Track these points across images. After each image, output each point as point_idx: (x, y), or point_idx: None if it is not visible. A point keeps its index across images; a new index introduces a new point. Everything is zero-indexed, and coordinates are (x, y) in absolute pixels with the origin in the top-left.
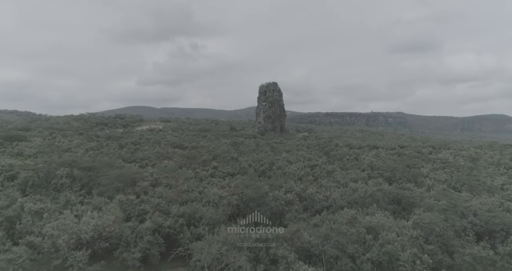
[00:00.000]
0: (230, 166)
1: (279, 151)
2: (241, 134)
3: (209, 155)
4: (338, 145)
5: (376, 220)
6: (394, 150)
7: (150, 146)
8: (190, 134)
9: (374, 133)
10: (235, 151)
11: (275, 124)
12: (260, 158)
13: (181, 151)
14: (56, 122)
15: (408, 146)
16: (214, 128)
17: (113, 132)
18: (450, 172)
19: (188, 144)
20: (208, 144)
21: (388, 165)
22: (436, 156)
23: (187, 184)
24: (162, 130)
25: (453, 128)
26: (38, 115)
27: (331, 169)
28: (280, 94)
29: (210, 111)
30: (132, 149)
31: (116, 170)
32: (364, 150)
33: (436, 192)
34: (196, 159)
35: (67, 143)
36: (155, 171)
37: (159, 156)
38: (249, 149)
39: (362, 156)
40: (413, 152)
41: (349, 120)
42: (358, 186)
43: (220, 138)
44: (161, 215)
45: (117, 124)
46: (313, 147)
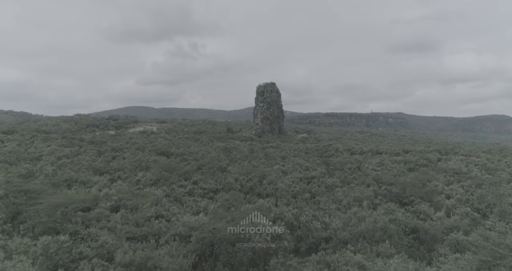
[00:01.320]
0: (214, 179)
1: (274, 158)
2: (237, 137)
3: (194, 164)
4: (339, 150)
5: (393, 268)
6: (398, 155)
7: (132, 152)
8: (183, 137)
9: (374, 135)
10: (226, 158)
11: (273, 126)
12: (249, 170)
13: (165, 159)
14: (45, 124)
15: (412, 150)
16: (210, 130)
17: (103, 135)
18: (468, 186)
19: (176, 149)
20: (198, 149)
21: (397, 180)
22: (447, 165)
23: (155, 208)
24: (155, 133)
25: (454, 129)
26: (34, 116)
27: (331, 182)
28: (278, 95)
29: (209, 112)
30: (109, 157)
31: (54, 196)
32: (367, 156)
33: (460, 218)
34: (177, 169)
35: (44, 148)
36: (114, 191)
37: (136, 166)
38: (243, 155)
39: (365, 164)
40: (420, 158)
41: (349, 121)
42: (364, 213)
43: (214, 141)
44: (100, 264)
45: (109, 126)
46: (311, 152)
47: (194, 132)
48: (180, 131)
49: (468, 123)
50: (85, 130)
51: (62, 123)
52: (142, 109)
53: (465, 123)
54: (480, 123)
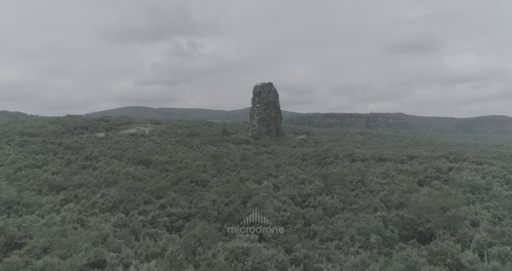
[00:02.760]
0: (190, 200)
1: (266, 167)
2: (233, 139)
3: (173, 176)
4: (338, 156)
5: None
6: (404, 162)
7: (106, 161)
8: (174, 140)
9: (374, 136)
10: (213, 167)
11: (270, 128)
12: (232, 189)
13: (142, 169)
14: (30, 126)
15: (418, 156)
16: (204, 132)
17: (89, 138)
18: (495, 208)
19: (159, 156)
20: (185, 155)
21: (410, 201)
22: (460, 176)
23: (95, 250)
24: (146, 135)
25: (454, 130)
26: (28, 116)
27: (330, 205)
28: (276, 96)
29: (208, 112)
30: (77, 168)
31: None
32: (369, 163)
33: (501, 263)
34: (150, 185)
35: (13, 156)
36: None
37: (102, 181)
38: (232, 163)
39: (368, 176)
40: (429, 167)
41: (349, 122)
42: (374, 266)
43: (206, 145)
44: None
45: (99, 127)
46: (308, 159)
47: (187, 135)
48: (173, 134)
49: (468, 124)
50: (72, 133)
51: (49, 125)
52: (141, 109)
53: (465, 124)
54: (480, 124)
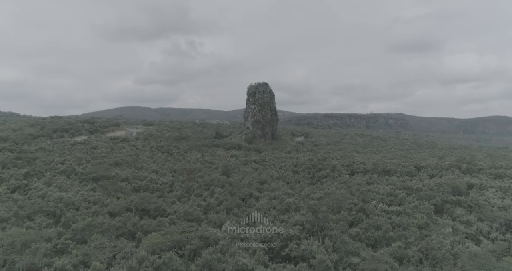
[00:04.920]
0: (111, 254)
1: (248, 185)
2: (224, 143)
3: (116, 206)
4: (336, 168)
5: None
6: (411, 176)
7: (46, 181)
8: (157, 145)
9: (375, 138)
10: (181, 186)
11: (266, 130)
12: (175, 239)
13: (87, 190)
14: (6, 129)
15: (426, 167)
16: (196, 135)
17: (62, 143)
18: None
19: (123, 170)
20: (157, 167)
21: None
22: (486, 199)
23: None
24: (128, 140)
25: (456, 131)
26: (21, 116)
27: (318, 260)
28: (271, 96)
29: (207, 112)
30: (9, 188)
31: None
32: (372, 178)
33: None
34: (65, 224)
35: None
36: None
37: (7, 218)
38: (208, 179)
39: (372, 201)
40: (445, 185)
41: (349, 122)
42: None
43: (192, 150)
44: None
45: (82, 130)
46: (301, 171)
47: (175, 138)
48: (160, 137)
49: (470, 125)
50: (51, 137)
51: (27, 128)
52: (139, 109)
53: (467, 125)
54: (482, 124)
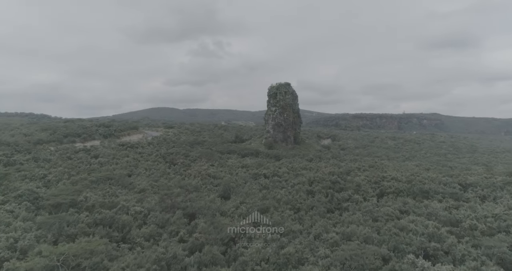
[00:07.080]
0: None
1: (245, 214)
2: (241, 149)
3: None
4: (360, 188)
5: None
6: (457, 199)
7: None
8: (164, 153)
9: (408, 142)
10: (158, 215)
11: (287, 134)
12: None
13: (22, 230)
14: (18, 133)
15: (474, 184)
16: (214, 139)
17: (65, 150)
18: None
19: (96, 193)
20: (144, 185)
21: None
22: None
23: None
24: (136, 146)
25: (496, 132)
26: (52, 118)
27: None
28: (294, 97)
29: (234, 113)
30: None
31: None
32: (407, 205)
33: None
34: None
35: None
36: None
37: None
38: (198, 205)
39: (408, 255)
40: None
41: (380, 123)
42: None
43: (202, 159)
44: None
45: (95, 134)
46: (317, 191)
47: (190, 143)
48: (174, 143)
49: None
50: (61, 142)
51: (39, 133)
52: (167, 110)
53: (508, 125)
54: None
